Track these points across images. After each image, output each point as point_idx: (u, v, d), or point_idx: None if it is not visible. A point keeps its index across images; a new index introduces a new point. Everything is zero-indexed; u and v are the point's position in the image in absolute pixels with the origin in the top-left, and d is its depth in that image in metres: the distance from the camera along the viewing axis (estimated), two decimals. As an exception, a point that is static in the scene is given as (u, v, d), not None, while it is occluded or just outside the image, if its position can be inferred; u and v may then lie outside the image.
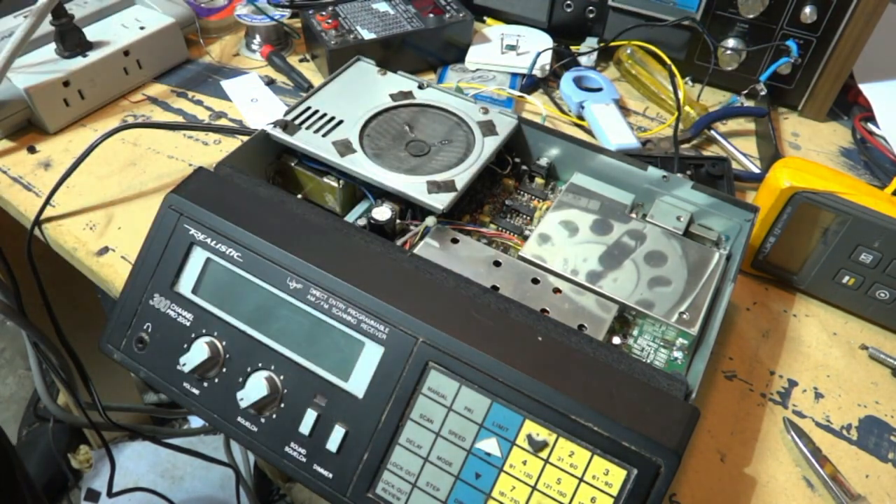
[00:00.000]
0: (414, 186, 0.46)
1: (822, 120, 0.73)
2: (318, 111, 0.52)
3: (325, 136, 0.50)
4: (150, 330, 0.42)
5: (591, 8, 0.76)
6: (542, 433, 0.34)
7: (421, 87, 0.56)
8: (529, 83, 0.74)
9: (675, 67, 0.68)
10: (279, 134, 0.49)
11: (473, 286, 0.39)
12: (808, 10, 0.64)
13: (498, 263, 0.45)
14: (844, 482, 0.43)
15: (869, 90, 0.72)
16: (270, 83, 0.73)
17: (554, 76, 0.75)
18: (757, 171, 0.65)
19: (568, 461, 0.34)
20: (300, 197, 0.50)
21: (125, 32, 0.70)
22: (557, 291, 0.44)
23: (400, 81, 0.56)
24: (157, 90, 0.72)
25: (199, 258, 0.41)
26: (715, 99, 0.74)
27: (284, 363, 0.39)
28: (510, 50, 0.76)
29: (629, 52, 0.75)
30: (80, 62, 0.65)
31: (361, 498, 0.36)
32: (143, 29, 0.70)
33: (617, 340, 0.43)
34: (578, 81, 0.72)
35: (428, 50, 0.75)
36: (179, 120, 0.68)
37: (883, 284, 0.50)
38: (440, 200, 0.45)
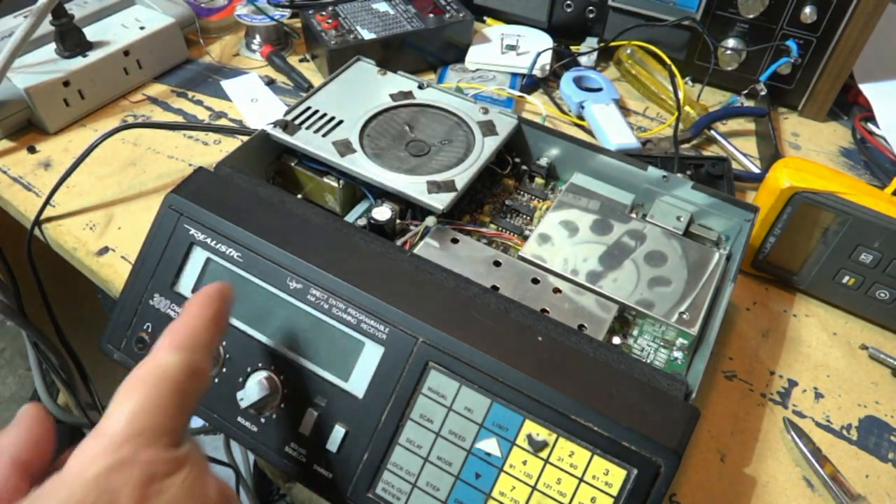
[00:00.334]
0: (414, 186, 0.46)
1: (822, 120, 0.73)
2: (318, 111, 0.52)
3: (325, 136, 0.50)
4: (150, 330, 0.42)
5: (591, 8, 0.76)
6: (542, 433, 0.34)
7: (421, 87, 0.56)
8: (529, 83, 0.74)
9: (675, 67, 0.68)
10: (279, 134, 0.49)
11: (473, 286, 0.39)
12: (808, 10, 0.64)
13: (498, 263, 0.45)
14: (844, 482, 0.43)
15: (869, 90, 0.72)
16: (270, 83, 0.73)
17: (554, 76, 0.75)
18: (757, 171, 0.65)
19: (568, 461, 0.34)
20: (300, 197, 0.50)
21: (125, 32, 0.70)
22: (557, 291, 0.44)
23: (400, 81, 0.56)
24: (157, 90, 0.72)
25: (199, 258, 0.41)
26: (715, 99, 0.74)
27: (284, 363, 0.38)
28: (510, 50, 0.76)
29: (629, 52, 0.75)
30: (80, 62, 0.65)
31: (361, 498, 0.36)
32: (143, 29, 0.70)
33: (617, 340, 0.43)
34: (578, 81, 0.72)
35: (428, 50, 0.75)
36: (179, 120, 0.68)
37: (883, 284, 0.50)
38: (440, 200, 0.45)
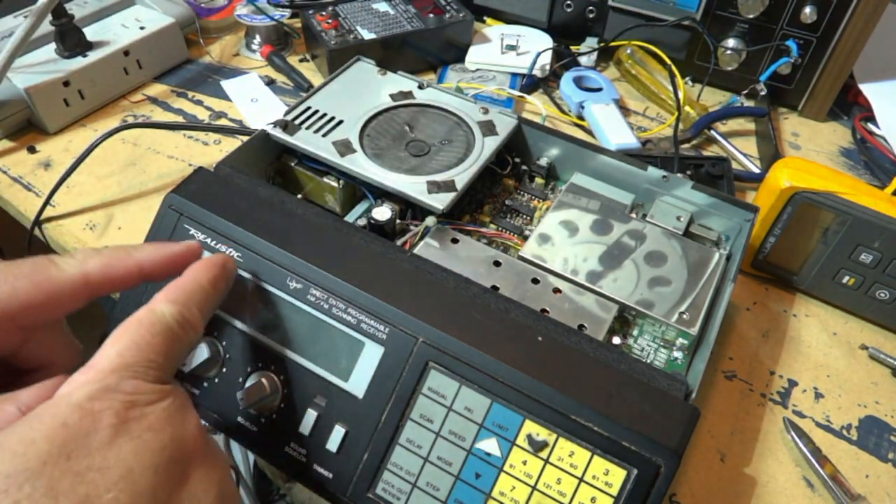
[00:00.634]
0: (414, 186, 0.46)
1: (822, 120, 0.73)
2: (318, 111, 0.52)
3: (325, 136, 0.50)
4: (150, 330, 0.42)
5: (591, 8, 0.76)
6: (542, 433, 0.34)
7: (421, 87, 0.56)
8: (529, 83, 0.74)
9: (675, 67, 0.68)
10: (279, 134, 0.49)
11: (473, 286, 0.39)
12: (808, 10, 0.64)
13: (498, 263, 0.45)
14: (844, 482, 0.43)
15: (869, 90, 0.72)
16: (270, 83, 0.73)
17: (554, 76, 0.75)
18: (757, 171, 0.65)
19: (568, 461, 0.34)
20: (300, 197, 0.50)
21: (125, 32, 0.70)
22: (557, 291, 0.44)
23: (400, 81, 0.56)
24: (157, 90, 0.72)
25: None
26: (715, 99, 0.74)
27: (284, 363, 0.38)
28: (510, 50, 0.76)
29: (629, 52, 0.75)
30: (80, 62, 0.65)
31: (361, 498, 0.36)
32: (143, 29, 0.70)
33: (617, 340, 0.43)
34: (578, 81, 0.72)
35: (428, 50, 0.75)
36: (179, 120, 0.68)
37: (883, 284, 0.50)
38: (440, 200, 0.45)
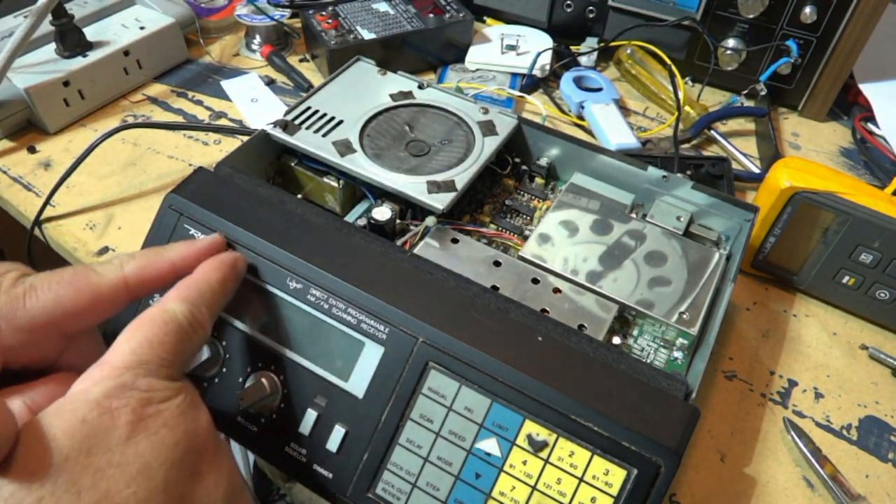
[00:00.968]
0: (414, 186, 0.46)
1: (822, 120, 0.73)
2: (318, 111, 0.52)
3: (325, 136, 0.50)
4: (150, 330, 0.42)
5: (591, 8, 0.76)
6: (542, 433, 0.34)
7: (421, 87, 0.56)
8: (529, 83, 0.74)
9: (675, 67, 0.68)
10: (279, 134, 0.49)
11: (473, 286, 0.39)
12: (808, 10, 0.64)
13: (498, 263, 0.45)
14: (844, 482, 0.43)
15: (869, 90, 0.72)
16: (270, 83, 0.73)
17: (554, 76, 0.75)
18: (757, 171, 0.65)
19: (568, 461, 0.34)
20: (300, 197, 0.50)
21: (125, 32, 0.70)
22: (557, 291, 0.44)
23: (400, 81, 0.56)
24: (157, 90, 0.72)
25: (199, 258, 0.41)
26: (715, 99, 0.74)
27: (284, 363, 0.38)
28: (510, 50, 0.76)
29: (629, 52, 0.75)
30: (80, 62, 0.65)
31: (361, 498, 0.36)
32: (143, 29, 0.70)
33: (617, 340, 0.43)
34: (578, 81, 0.72)
35: (428, 50, 0.75)
36: (179, 120, 0.68)
37: (883, 284, 0.50)
38: (440, 200, 0.45)
